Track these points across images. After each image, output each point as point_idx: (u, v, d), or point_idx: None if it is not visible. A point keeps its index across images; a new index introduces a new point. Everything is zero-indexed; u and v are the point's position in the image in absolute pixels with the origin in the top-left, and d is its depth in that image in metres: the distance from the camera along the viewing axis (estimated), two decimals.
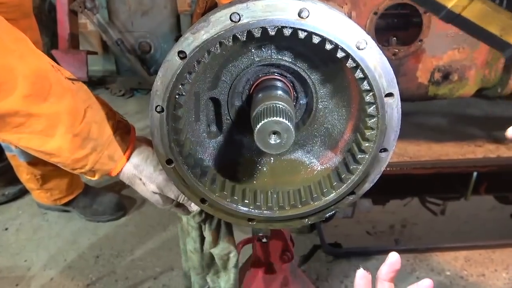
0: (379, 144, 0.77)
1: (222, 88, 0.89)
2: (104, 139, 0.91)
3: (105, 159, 0.92)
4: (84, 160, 0.89)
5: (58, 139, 0.84)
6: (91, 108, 0.90)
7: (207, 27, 0.69)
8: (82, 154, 0.88)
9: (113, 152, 0.93)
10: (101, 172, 0.93)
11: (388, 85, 0.72)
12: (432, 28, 1.64)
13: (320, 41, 0.69)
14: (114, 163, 0.94)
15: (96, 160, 0.91)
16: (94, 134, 0.89)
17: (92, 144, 0.89)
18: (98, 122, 0.90)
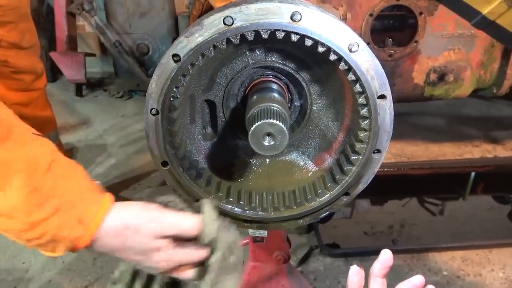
0: (372, 145, 0.78)
1: (217, 91, 0.89)
2: (73, 195, 0.70)
3: (73, 221, 0.69)
4: (43, 225, 0.67)
5: (12, 195, 0.65)
6: (58, 161, 0.71)
7: (200, 30, 0.70)
8: (41, 216, 0.67)
9: (84, 211, 0.71)
10: (66, 242, 0.69)
11: (381, 87, 0.73)
12: (427, 29, 1.65)
13: (313, 44, 0.69)
14: (83, 227, 0.70)
15: (59, 224, 0.68)
16: (60, 189, 0.69)
17: (55, 203, 0.68)
18: (66, 177, 0.71)
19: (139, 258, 0.75)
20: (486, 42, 1.71)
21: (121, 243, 0.73)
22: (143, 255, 0.74)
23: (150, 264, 0.76)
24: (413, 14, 1.62)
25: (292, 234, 2.11)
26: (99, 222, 0.71)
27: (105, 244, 0.72)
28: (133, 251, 0.74)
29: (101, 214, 0.72)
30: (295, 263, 1.96)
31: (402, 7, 1.62)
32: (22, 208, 0.66)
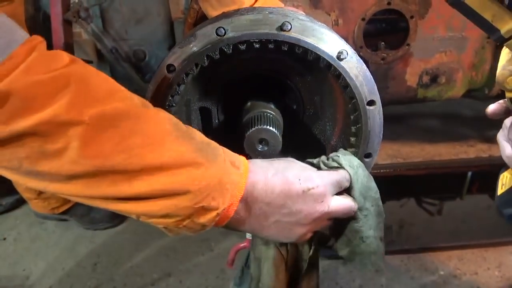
0: (363, 149, 0.80)
1: (212, 98, 0.92)
2: (215, 144, 0.68)
3: (229, 165, 0.64)
4: (210, 169, 0.61)
5: (174, 144, 0.60)
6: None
7: (194, 41, 0.72)
8: (207, 159, 0.61)
9: (232, 156, 0.67)
10: (229, 189, 0.63)
11: (370, 93, 0.75)
12: (419, 32, 1.67)
13: (302, 52, 0.72)
14: (238, 170, 0.65)
15: (221, 166, 0.63)
16: (204, 137, 0.67)
17: (211, 147, 0.65)
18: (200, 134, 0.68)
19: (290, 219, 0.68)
20: (477, 44, 1.74)
21: (272, 195, 0.66)
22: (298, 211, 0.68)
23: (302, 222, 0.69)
24: (404, 17, 1.65)
25: None
26: (247, 165, 0.67)
27: (256, 197, 0.65)
28: (286, 207, 0.67)
29: (245, 160, 0.68)
30: None
31: (394, 11, 1.65)
32: (187, 152, 0.60)
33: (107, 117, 0.55)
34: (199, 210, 0.61)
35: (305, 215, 0.69)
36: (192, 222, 0.62)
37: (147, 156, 0.57)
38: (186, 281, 1.97)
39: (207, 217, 0.62)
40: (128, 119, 0.57)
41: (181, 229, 0.63)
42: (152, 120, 0.60)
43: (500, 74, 0.61)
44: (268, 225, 0.69)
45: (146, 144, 0.58)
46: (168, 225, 0.62)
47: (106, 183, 0.56)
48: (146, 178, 0.57)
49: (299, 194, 0.68)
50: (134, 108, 0.59)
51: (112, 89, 0.59)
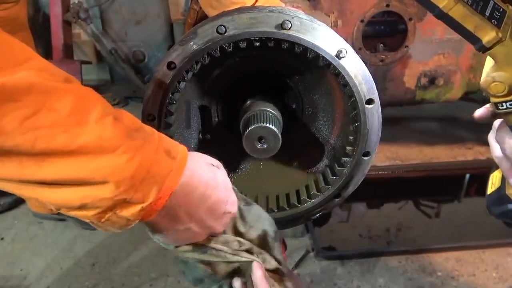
0: (361, 148, 0.81)
1: (212, 96, 0.92)
2: (152, 131, 0.60)
3: (162, 155, 0.58)
4: (137, 156, 0.54)
5: (94, 127, 0.52)
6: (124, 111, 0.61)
7: (195, 39, 0.73)
8: (133, 145, 0.54)
9: (169, 145, 0.60)
10: (159, 180, 0.56)
11: (368, 91, 0.76)
12: (417, 35, 1.69)
13: (302, 51, 0.72)
14: (174, 161, 0.59)
15: (151, 156, 0.55)
16: (139, 123, 0.59)
17: (140, 134, 0.57)
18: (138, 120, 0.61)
19: (222, 209, 0.67)
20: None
21: (205, 188, 0.62)
22: (225, 204, 0.67)
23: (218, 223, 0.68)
24: (403, 20, 1.66)
25: (288, 238, 2.13)
26: (185, 155, 0.61)
27: (190, 188, 0.60)
28: (214, 201, 0.65)
29: (184, 150, 0.62)
30: (292, 266, 1.98)
31: (393, 13, 1.66)
32: (114, 135, 0.53)
33: (9, 89, 0.47)
34: (121, 203, 0.54)
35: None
36: (115, 216, 0.55)
37: (58, 138, 0.50)
38: (184, 281, 1.96)
39: (131, 211, 0.55)
40: (38, 93, 0.49)
41: (104, 223, 0.57)
42: (70, 96, 0.52)
43: (484, 81, 0.64)
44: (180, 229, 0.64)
45: (59, 124, 0.50)
46: (89, 219, 0.55)
47: (12, 164, 0.50)
48: (57, 162, 0.50)
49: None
50: (49, 80, 0.51)
51: (25, 57, 0.51)
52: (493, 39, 0.60)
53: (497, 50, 0.61)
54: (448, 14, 0.62)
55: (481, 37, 0.62)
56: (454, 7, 0.62)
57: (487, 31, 0.61)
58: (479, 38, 0.62)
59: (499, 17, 0.61)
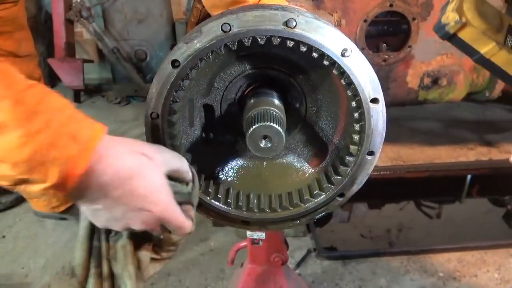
0: (365, 147, 0.81)
1: (216, 95, 0.92)
2: (62, 113, 0.59)
3: (66, 139, 0.58)
4: (33, 140, 0.55)
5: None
6: (40, 85, 0.60)
7: (199, 37, 0.73)
8: (30, 129, 0.55)
9: (78, 128, 0.60)
10: (59, 164, 0.57)
11: (373, 90, 0.76)
12: (420, 35, 1.68)
13: (307, 49, 0.72)
14: (78, 145, 0.58)
15: (50, 140, 0.56)
16: (46, 106, 0.58)
17: (43, 117, 0.57)
18: (52, 96, 0.60)
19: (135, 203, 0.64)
20: None
21: (115, 175, 0.62)
22: (143, 199, 0.65)
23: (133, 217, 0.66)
24: (406, 19, 1.66)
25: (290, 237, 2.13)
26: (96, 141, 0.60)
27: (102, 176, 0.60)
28: (126, 191, 0.63)
29: (97, 133, 0.61)
30: (293, 266, 1.98)
31: (396, 13, 1.66)
32: (8, 119, 0.54)
33: None
34: (23, 181, 0.57)
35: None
36: (23, 190, 0.59)
37: None
38: (186, 280, 1.96)
39: (35, 189, 0.58)
40: None
41: (23, 193, 0.61)
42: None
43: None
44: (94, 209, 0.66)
45: None
46: (6, 187, 0.59)
47: None
48: None
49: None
50: None
51: None
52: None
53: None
54: (491, 60, 0.62)
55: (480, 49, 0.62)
56: (498, 53, 0.62)
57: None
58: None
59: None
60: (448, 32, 0.78)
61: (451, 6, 0.78)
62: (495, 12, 0.75)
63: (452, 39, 0.79)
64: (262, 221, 0.90)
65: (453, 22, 0.75)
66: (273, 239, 1.29)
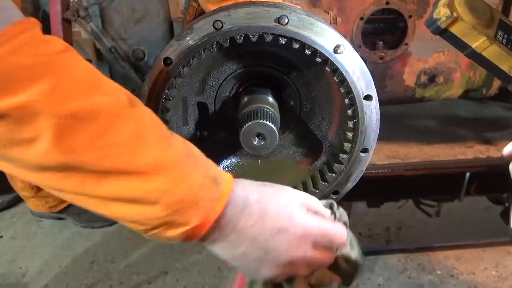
0: (359, 144, 0.80)
1: (209, 93, 0.92)
2: (199, 156, 0.62)
3: (209, 181, 0.60)
4: (186, 180, 0.57)
5: (152, 149, 0.56)
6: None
7: (191, 34, 0.72)
8: (184, 171, 0.57)
9: (215, 171, 0.62)
10: (203, 206, 0.58)
11: (366, 87, 0.76)
12: (417, 32, 1.68)
13: (299, 46, 0.72)
14: (218, 187, 0.60)
15: (200, 182, 0.58)
16: (191, 148, 0.62)
17: (191, 160, 0.60)
18: (184, 141, 0.63)
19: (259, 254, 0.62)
20: None
21: (254, 222, 0.61)
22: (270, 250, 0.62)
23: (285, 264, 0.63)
24: (402, 17, 1.65)
25: None
26: (231, 183, 0.62)
27: (235, 219, 0.61)
28: (258, 241, 0.61)
29: (229, 177, 0.63)
30: None
31: (392, 10, 1.65)
32: (166, 159, 0.56)
33: (85, 112, 0.52)
34: (167, 223, 0.58)
35: (276, 255, 0.63)
36: (160, 234, 0.59)
37: (121, 158, 0.54)
38: (183, 279, 1.96)
39: (175, 232, 0.58)
40: (107, 116, 0.54)
41: (151, 236, 0.60)
42: (134, 120, 0.56)
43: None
44: (237, 254, 0.63)
45: (123, 145, 0.54)
46: (138, 231, 0.60)
47: (75, 179, 0.53)
48: (116, 180, 0.54)
49: (273, 230, 0.62)
50: (117, 104, 0.56)
51: (97, 83, 0.56)
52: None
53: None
54: (482, 54, 0.62)
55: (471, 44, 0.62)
56: (489, 47, 0.62)
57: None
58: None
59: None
60: (439, 27, 0.78)
61: (443, 1, 0.78)
62: (486, 8, 0.75)
63: (443, 34, 0.79)
64: None
65: (444, 17, 0.75)
66: None
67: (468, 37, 0.68)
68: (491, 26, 0.70)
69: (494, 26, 0.70)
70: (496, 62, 0.61)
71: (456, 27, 0.73)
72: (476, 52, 0.61)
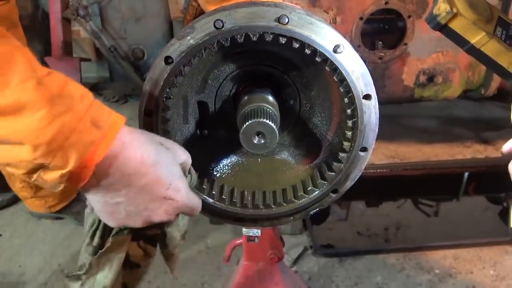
0: (358, 143, 0.81)
1: (210, 91, 0.92)
2: (83, 99, 0.58)
3: (87, 124, 0.57)
4: (54, 123, 0.54)
5: (16, 88, 0.53)
6: (58, 73, 0.59)
7: (192, 33, 0.73)
8: (52, 112, 0.54)
9: (99, 115, 0.59)
10: (79, 150, 0.56)
11: (366, 87, 0.76)
12: (416, 32, 1.69)
13: (299, 46, 0.72)
14: (100, 131, 0.58)
15: (71, 126, 0.55)
16: (69, 90, 0.57)
17: (65, 102, 0.56)
18: (71, 81, 0.59)
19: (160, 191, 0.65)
20: None
21: (140, 163, 0.61)
22: (167, 187, 0.65)
23: (157, 207, 0.66)
24: (402, 17, 1.66)
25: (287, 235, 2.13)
26: (117, 128, 0.60)
27: (127, 163, 0.60)
28: (150, 180, 0.63)
29: (118, 121, 0.61)
30: (290, 263, 1.99)
31: (391, 10, 1.66)
32: (32, 99, 0.53)
33: None
34: (41, 166, 0.55)
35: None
36: (40, 178, 0.56)
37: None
38: (182, 278, 1.97)
39: (51, 176, 0.56)
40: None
41: (37, 182, 0.57)
42: (2, 55, 0.53)
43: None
44: (111, 203, 0.64)
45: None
46: (21, 177, 0.57)
47: None
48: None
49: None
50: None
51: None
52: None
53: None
54: (481, 50, 0.62)
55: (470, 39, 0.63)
56: (487, 42, 0.62)
57: None
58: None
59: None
60: (439, 22, 0.79)
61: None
62: (485, 4, 0.76)
63: (443, 30, 0.79)
64: (256, 217, 0.90)
65: (444, 13, 0.76)
66: (269, 236, 1.30)
67: (468, 33, 0.68)
68: (490, 22, 0.71)
69: (493, 22, 0.71)
70: (495, 57, 0.62)
71: (456, 22, 0.74)
72: (476, 47, 0.61)
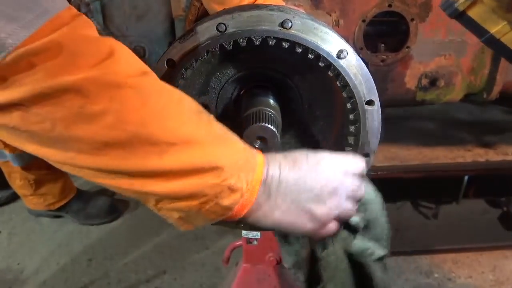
0: (361, 149, 0.80)
1: (211, 95, 0.91)
2: (232, 135, 0.65)
3: (249, 148, 0.65)
4: (236, 148, 0.62)
5: (201, 122, 0.60)
6: None
7: (194, 36, 0.72)
8: (233, 140, 0.63)
9: (250, 153, 0.64)
10: (255, 170, 0.62)
11: (368, 92, 0.76)
12: (419, 35, 1.68)
13: (302, 50, 0.72)
14: (259, 153, 0.65)
15: (246, 149, 0.64)
16: (230, 134, 0.65)
17: (229, 135, 0.64)
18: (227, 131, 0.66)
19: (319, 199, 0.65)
20: (476, 48, 1.74)
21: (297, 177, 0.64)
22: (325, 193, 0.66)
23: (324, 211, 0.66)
24: (405, 20, 1.65)
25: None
26: (262, 159, 0.65)
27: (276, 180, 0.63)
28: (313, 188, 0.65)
29: (260, 155, 0.66)
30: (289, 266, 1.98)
31: (395, 13, 1.65)
32: (218, 131, 0.62)
33: (151, 84, 0.56)
34: (226, 189, 0.58)
35: (322, 186, 0.66)
36: (217, 205, 0.59)
37: (181, 129, 0.56)
38: (181, 278, 1.97)
39: (232, 198, 0.59)
40: (168, 91, 0.59)
41: (201, 214, 0.60)
42: (186, 98, 0.62)
43: None
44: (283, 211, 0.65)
45: (181, 118, 0.57)
46: (191, 209, 0.59)
47: (138, 154, 0.53)
48: (177, 152, 0.55)
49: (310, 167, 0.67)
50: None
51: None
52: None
53: None
54: (501, 40, 0.59)
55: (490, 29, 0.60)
56: (509, 32, 0.59)
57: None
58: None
59: None
60: (457, 9, 0.72)
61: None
62: None
63: (460, 18, 0.73)
64: None
65: None
66: (268, 239, 1.29)
67: (487, 22, 0.64)
68: (511, 10, 0.66)
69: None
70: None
71: (475, 10, 0.68)
72: (495, 38, 0.58)
